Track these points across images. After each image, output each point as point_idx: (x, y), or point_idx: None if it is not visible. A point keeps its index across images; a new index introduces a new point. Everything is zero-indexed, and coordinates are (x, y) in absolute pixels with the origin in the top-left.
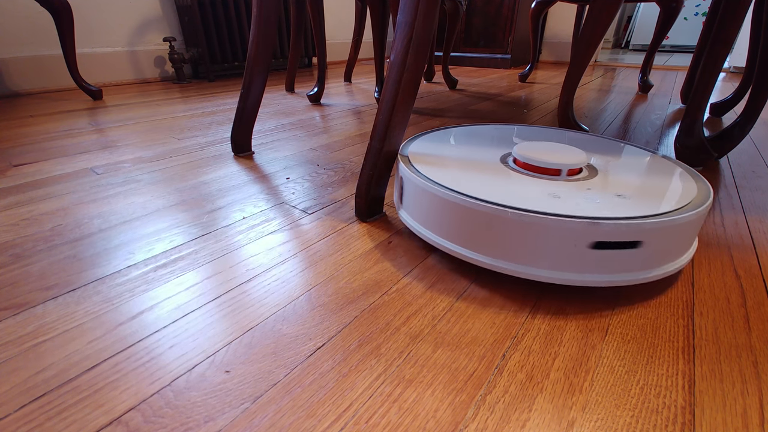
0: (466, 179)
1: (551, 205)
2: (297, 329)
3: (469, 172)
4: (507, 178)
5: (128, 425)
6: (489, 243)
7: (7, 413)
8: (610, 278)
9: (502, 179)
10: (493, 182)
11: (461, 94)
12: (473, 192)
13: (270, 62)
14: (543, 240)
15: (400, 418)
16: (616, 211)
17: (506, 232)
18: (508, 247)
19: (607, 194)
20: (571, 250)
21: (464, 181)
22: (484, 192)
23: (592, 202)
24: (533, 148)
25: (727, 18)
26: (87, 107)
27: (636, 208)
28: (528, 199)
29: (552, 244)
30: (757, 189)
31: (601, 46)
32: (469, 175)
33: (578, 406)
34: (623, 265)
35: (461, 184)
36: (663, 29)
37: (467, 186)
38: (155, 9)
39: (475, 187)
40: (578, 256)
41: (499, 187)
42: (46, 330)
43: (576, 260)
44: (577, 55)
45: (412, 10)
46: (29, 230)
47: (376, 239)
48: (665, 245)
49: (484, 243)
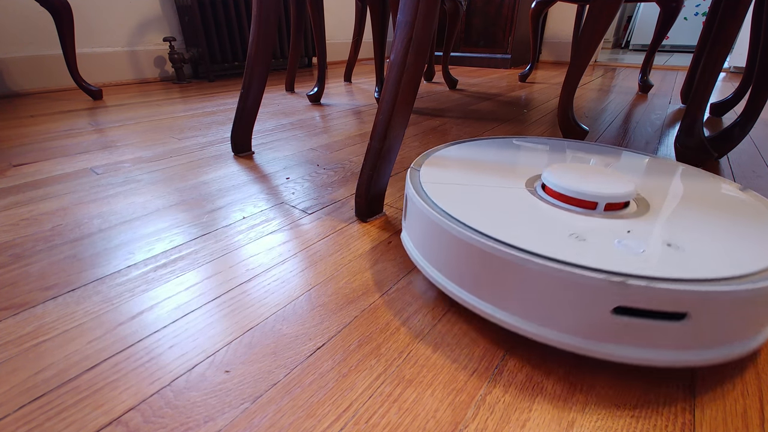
0: (477, 209)
1: (565, 250)
2: (297, 329)
3: (484, 199)
4: (522, 208)
5: (128, 425)
6: (485, 286)
7: (6, 413)
8: (640, 354)
9: (514, 209)
10: (503, 213)
11: (461, 94)
12: (476, 224)
13: (270, 62)
14: (549, 295)
15: (400, 418)
16: (652, 267)
17: (504, 279)
18: (509, 297)
19: (653, 240)
20: (583, 312)
21: (472, 210)
22: (484, 224)
23: (627, 249)
24: (568, 172)
25: (727, 18)
26: (87, 107)
27: (685, 266)
28: (541, 239)
29: (560, 302)
30: (757, 189)
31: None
32: (483, 203)
33: (578, 405)
34: (660, 340)
35: (468, 214)
36: (663, 29)
37: (473, 216)
38: (155, 9)
39: (479, 219)
40: (593, 321)
41: (506, 218)
42: (46, 330)
43: (592, 325)
44: (577, 55)
45: (412, 10)
46: (29, 230)
47: (376, 239)
48: (723, 320)
49: (480, 285)
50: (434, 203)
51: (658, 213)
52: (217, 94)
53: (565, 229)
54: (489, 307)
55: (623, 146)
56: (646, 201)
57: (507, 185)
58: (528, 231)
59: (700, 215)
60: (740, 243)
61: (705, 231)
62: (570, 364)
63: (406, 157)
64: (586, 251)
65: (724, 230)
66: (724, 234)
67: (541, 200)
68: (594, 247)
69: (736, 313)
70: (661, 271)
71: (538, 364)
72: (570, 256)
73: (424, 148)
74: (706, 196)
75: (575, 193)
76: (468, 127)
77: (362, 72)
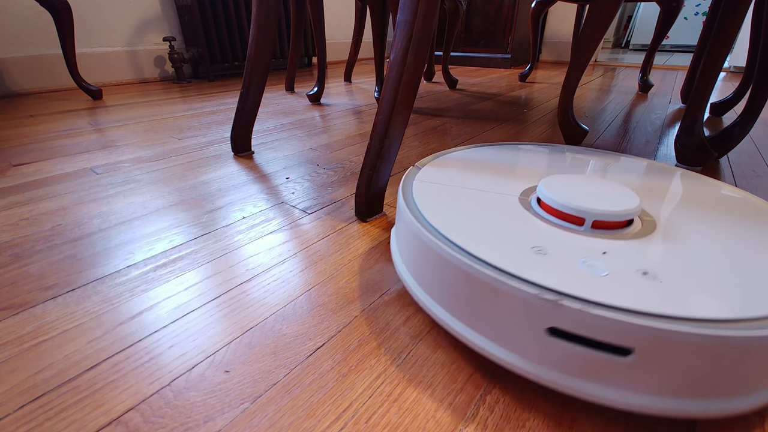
0: (454, 211)
1: (515, 261)
2: (297, 329)
3: (469, 204)
4: (500, 217)
5: (128, 425)
6: (438, 289)
7: (6, 413)
8: (584, 389)
9: (492, 216)
10: (479, 218)
11: (461, 94)
12: (438, 223)
13: (270, 62)
14: (491, 307)
15: (400, 418)
16: (595, 291)
17: (452, 284)
18: (459, 304)
19: (627, 265)
20: (519, 329)
21: (447, 212)
22: (448, 225)
23: (588, 270)
24: (564, 183)
25: (727, 18)
26: (87, 107)
27: (642, 297)
28: (500, 249)
29: (501, 316)
30: (757, 189)
31: (601, 46)
32: (464, 208)
33: (578, 405)
34: (606, 375)
35: (438, 214)
36: (663, 29)
37: (443, 217)
38: (155, 9)
39: (447, 220)
40: (529, 340)
41: (477, 225)
42: (46, 330)
43: (529, 345)
44: (577, 54)
45: (411, 10)
46: (29, 230)
47: (376, 239)
48: (677, 367)
49: (432, 287)
50: (413, 198)
51: (659, 237)
52: (216, 93)
53: (535, 243)
54: (443, 313)
55: (623, 147)
56: (654, 222)
57: (501, 192)
58: (493, 240)
59: (709, 246)
60: (743, 285)
61: (705, 265)
62: None
63: (406, 157)
64: (536, 266)
65: (730, 268)
66: (729, 272)
67: (528, 211)
68: (550, 263)
69: (694, 361)
70: (603, 297)
71: None
72: (515, 267)
73: (424, 148)
74: (732, 223)
75: (562, 207)
76: (468, 127)
77: (362, 72)
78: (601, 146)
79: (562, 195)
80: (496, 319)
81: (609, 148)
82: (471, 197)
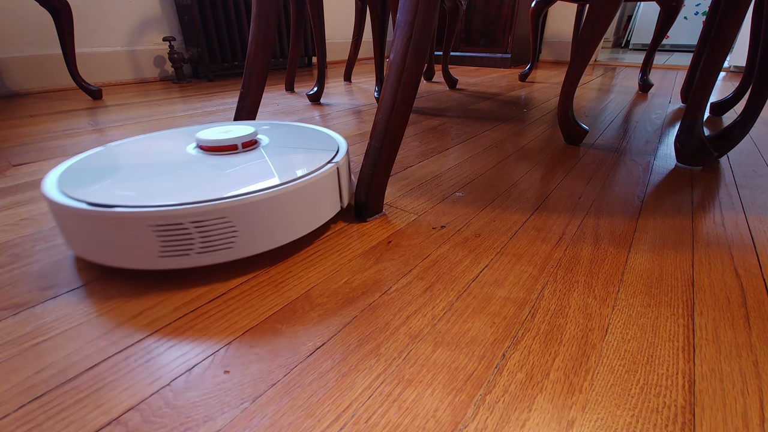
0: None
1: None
2: (297, 329)
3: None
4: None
5: (127, 425)
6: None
7: (6, 413)
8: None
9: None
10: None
11: (461, 94)
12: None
13: (269, 61)
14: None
15: (400, 417)
16: None
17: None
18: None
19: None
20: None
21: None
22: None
23: None
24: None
25: (727, 18)
26: (87, 107)
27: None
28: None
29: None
30: (757, 188)
31: (601, 46)
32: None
33: (578, 405)
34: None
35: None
36: (663, 28)
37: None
38: (155, 9)
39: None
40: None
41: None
42: (46, 330)
43: None
44: (577, 54)
45: (411, 10)
46: (29, 230)
47: (376, 239)
48: None
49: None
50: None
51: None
52: (216, 93)
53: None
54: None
55: (624, 146)
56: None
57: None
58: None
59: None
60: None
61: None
62: (570, 364)
63: (406, 157)
64: None
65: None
66: None
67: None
68: None
69: None
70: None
71: (538, 363)
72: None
73: (424, 148)
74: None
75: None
76: (468, 127)
77: (362, 71)
78: (601, 146)
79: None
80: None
81: (609, 148)
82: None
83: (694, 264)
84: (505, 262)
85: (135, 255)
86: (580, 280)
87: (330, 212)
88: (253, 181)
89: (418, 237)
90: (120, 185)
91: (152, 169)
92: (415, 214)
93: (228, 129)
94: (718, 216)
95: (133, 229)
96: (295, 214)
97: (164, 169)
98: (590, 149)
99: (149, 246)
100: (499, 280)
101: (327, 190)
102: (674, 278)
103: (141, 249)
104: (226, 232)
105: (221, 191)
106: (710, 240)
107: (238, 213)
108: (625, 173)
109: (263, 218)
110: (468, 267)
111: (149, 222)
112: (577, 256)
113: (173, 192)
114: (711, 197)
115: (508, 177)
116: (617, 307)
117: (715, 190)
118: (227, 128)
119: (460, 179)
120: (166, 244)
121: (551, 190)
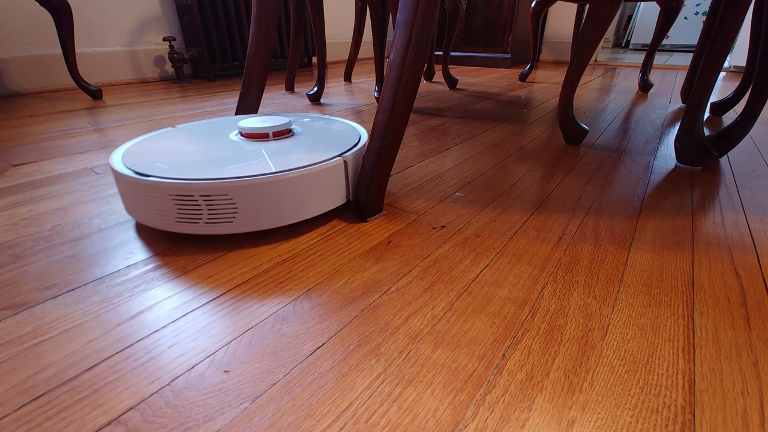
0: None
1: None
2: (297, 329)
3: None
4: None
5: (127, 425)
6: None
7: (6, 413)
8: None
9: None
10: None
11: (461, 94)
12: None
13: (270, 61)
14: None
15: (400, 417)
16: None
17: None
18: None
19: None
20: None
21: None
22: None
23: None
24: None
25: (727, 18)
26: (87, 107)
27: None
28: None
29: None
30: (757, 188)
31: (601, 46)
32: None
33: (578, 405)
34: None
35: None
36: (663, 29)
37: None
38: (155, 9)
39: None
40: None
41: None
42: (46, 330)
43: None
44: (577, 54)
45: (411, 10)
46: (29, 230)
47: (376, 239)
48: None
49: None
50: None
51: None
52: (216, 93)
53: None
54: None
55: (624, 146)
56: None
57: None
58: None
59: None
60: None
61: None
62: (570, 364)
63: (406, 157)
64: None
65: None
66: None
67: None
68: None
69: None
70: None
71: (538, 363)
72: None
73: (424, 148)
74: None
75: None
76: (468, 127)
77: (362, 71)
78: (601, 146)
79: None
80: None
81: (609, 148)
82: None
83: (694, 264)
84: (505, 262)
85: (161, 218)
86: (580, 280)
87: (331, 203)
88: (264, 167)
89: (418, 237)
90: (164, 160)
91: (193, 148)
92: (415, 214)
93: (264, 119)
94: (718, 216)
95: (158, 196)
96: (293, 200)
97: (202, 150)
98: (590, 149)
99: (170, 211)
100: (499, 280)
101: (328, 181)
102: (674, 278)
103: (164, 213)
104: (228, 207)
105: (228, 173)
106: (710, 240)
107: (237, 192)
108: (625, 173)
109: (260, 199)
110: (468, 267)
111: (169, 191)
112: (577, 256)
113: (194, 169)
114: (711, 197)
115: (508, 177)
116: (617, 307)
117: (715, 190)
118: (266, 119)
119: (460, 179)
120: (181, 211)
121: (551, 190)
